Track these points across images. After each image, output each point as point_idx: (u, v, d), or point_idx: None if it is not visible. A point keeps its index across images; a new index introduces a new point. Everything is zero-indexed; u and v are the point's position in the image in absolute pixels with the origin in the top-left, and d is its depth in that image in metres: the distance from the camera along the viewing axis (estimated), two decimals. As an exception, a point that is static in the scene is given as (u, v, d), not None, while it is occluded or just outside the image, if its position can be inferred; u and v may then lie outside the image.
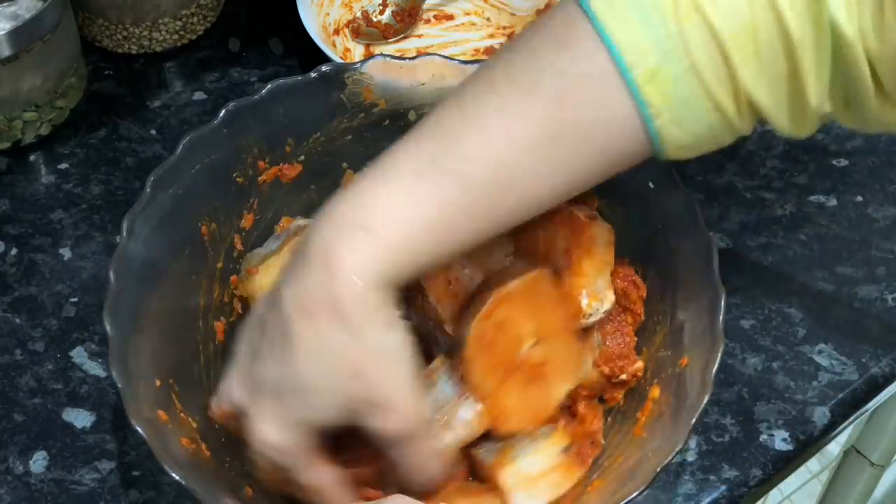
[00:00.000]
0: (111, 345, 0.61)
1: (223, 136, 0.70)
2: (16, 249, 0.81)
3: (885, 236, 0.83)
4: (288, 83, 0.72)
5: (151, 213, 0.66)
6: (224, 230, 0.71)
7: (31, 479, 0.70)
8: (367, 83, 0.73)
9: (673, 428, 0.62)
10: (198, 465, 0.62)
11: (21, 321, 0.78)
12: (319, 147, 0.74)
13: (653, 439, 0.63)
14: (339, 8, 0.96)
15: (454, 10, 0.99)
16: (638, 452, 0.64)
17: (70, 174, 0.86)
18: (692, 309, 0.66)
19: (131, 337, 0.62)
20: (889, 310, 0.79)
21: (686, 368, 0.65)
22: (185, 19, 0.93)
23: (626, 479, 0.62)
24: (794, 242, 0.83)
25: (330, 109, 0.73)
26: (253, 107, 0.71)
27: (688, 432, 0.60)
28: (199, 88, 0.92)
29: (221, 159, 0.70)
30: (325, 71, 0.73)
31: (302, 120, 0.73)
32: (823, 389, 0.75)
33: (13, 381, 0.75)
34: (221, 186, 0.71)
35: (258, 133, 0.71)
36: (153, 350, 0.64)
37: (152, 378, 0.63)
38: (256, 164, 0.72)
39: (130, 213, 0.65)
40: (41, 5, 0.81)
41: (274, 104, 0.71)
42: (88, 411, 0.73)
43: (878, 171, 0.87)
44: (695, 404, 0.61)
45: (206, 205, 0.70)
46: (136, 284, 0.64)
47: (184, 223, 0.68)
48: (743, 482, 0.71)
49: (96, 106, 0.91)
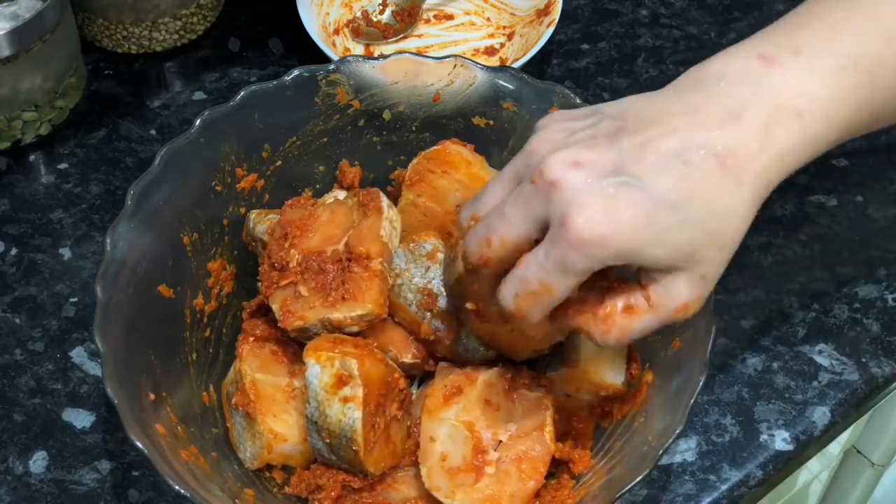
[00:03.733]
0: (104, 361, 0.61)
1: (200, 146, 0.70)
2: (16, 249, 0.81)
3: (885, 236, 0.83)
4: (262, 88, 0.72)
5: (134, 226, 0.66)
6: (206, 240, 0.71)
7: (31, 479, 0.70)
8: (340, 85, 0.74)
9: (672, 411, 0.62)
10: (199, 476, 0.62)
11: (21, 321, 0.78)
12: (296, 151, 0.75)
13: (652, 423, 0.64)
14: (339, 8, 0.96)
15: (454, 9, 0.99)
16: (637, 437, 0.64)
17: (70, 174, 0.86)
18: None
19: (123, 352, 0.63)
20: (889, 310, 0.79)
21: (679, 351, 0.65)
22: (185, 19, 0.93)
23: (628, 464, 0.62)
24: (794, 242, 0.83)
25: (305, 113, 0.74)
26: (228, 114, 0.71)
27: (686, 413, 0.60)
28: (199, 88, 0.92)
29: (200, 168, 0.71)
30: (298, 74, 0.73)
31: (277, 125, 0.73)
32: (823, 389, 0.75)
33: (13, 381, 0.75)
34: (201, 195, 0.71)
35: (235, 140, 0.72)
36: (145, 363, 0.65)
37: (146, 392, 0.63)
38: (235, 172, 0.72)
39: (113, 228, 0.65)
40: (41, 5, 0.81)
41: (249, 110, 0.72)
42: (88, 411, 0.74)
43: (878, 171, 0.87)
44: (692, 385, 0.61)
45: (188, 215, 0.70)
46: (124, 299, 0.64)
47: (167, 235, 0.69)
48: (743, 482, 0.71)
49: (96, 106, 0.91)
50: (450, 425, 0.66)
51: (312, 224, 0.70)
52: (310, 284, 0.68)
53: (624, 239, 0.53)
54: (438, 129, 0.76)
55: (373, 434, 0.64)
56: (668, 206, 0.54)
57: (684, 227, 0.54)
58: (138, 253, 0.66)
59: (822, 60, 0.57)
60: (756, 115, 0.55)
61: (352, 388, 0.63)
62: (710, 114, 0.55)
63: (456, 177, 0.72)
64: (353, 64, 0.74)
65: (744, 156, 0.55)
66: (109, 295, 0.63)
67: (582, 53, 0.95)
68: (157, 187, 0.68)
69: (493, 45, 0.96)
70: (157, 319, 0.67)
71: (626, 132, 0.55)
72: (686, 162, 0.54)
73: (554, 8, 0.91)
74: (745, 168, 0.55)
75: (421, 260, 0.69)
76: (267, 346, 0.71)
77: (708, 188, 0.54)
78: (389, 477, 0.67)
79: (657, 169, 0.54)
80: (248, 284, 0.74)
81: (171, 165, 0.69)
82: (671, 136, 0.54)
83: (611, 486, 0.61)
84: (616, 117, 0.57)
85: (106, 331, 0.62)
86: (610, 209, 0.53)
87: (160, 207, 0.68)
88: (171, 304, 0.69)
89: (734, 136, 0.55)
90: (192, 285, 0.70)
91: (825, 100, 0.57)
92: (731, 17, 0.98)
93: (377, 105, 0.75)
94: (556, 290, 0.55)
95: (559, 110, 0.61)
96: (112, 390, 0.60)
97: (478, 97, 0.75)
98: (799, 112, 0.56)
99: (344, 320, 0.67)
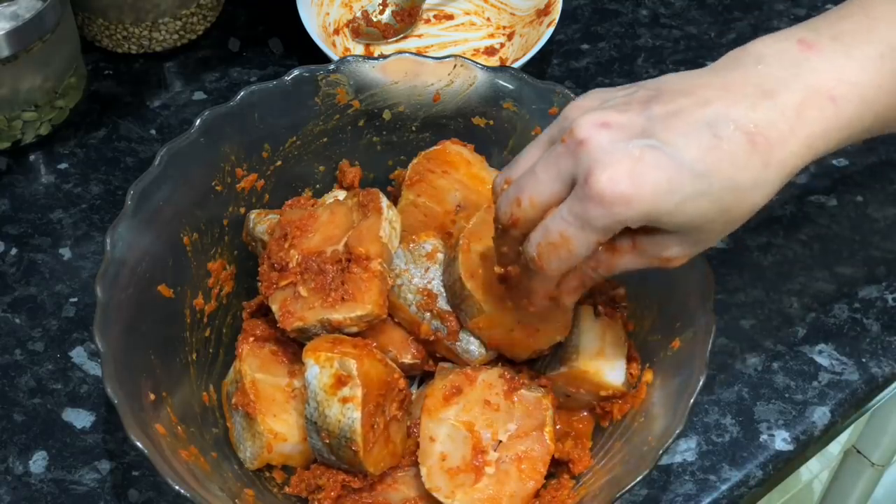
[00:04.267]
0: (104, 361, 0.61)
1: (200, 146, 0.70)
2: (16, 249, 0.81)
3: (885, 236, 0.83)
4: (262, 89, 0.72)
5: (134, 226, 0.66)
6: (206, 240, 0.71)
7: (31, 479, 0.70)
8: (340, 85, 0.74)
9: (672, 411, 0.62)
10: (199, 476, 0.62)
11: (21, 321, 0.78)
12: (296, 151, 0.75)
13: (652, 423, 0.64)
14: (339, 8, 0.96)
15: (454, 9, 0.99)
16: (637, 437, 0.64)
17: (70, 174, 0.86)
18: (681, 291, 0.66)
19: (123, 352, 0.63)
20: (889, 310, 0.79)
21: (679, 351, 0.65)
22: (185, 19, 0.93)
23: (628, 464, 0.62)
24: (794, 242, 0.82)
25: (305, 113, 0.74)
26: (229, 114, 0.71)
27: (686, 413, 0.60)
28: (199, 88, 0.92)
29: (200, 168, 0.71)
30: (298, 74, 0.73)
31: (277, 125, 0.73)
32: (823, 389, 0.75)
33: (13, 381, 0.75)
34: (201, 195, 0.71)
35: (235, 140, 0.72)
36: (145, 363, 0.65)
37: (146, 392, 0.63)
38: (235, 172, 0.72)
39: (113, 228, 0.65)
40: (41, 5, 0.81)
41: (249, 110, 0.72)
42: (88, 411, 0.74)
43: (878, 171, 0.87)
44: (692, 385, 0.61)
45: (188, 214, 0.70)
46: (124, 299, 0.64)
47: (167, 235, 0.69)
48: (743, 482, 0.71)
49: (96, 106, 0.91)
50: (449, 425, 0.66)
51: (312, 224, 0.70)
52: (309, 285, 0.68)
53: (645, 201, 0.54)
54: (438, 129, 0.76)
55: (372, 434, 0.64)
56: (693, 174, 0.54)
57: (703, 199, 0.54)
58: (138, 253, 0.66)
59: (861, 48, 0.57)
60: (791, 96, 0.56)
61: (351, 389, 0.63)
62: (745, 91, 0.56)
63: (456, 177, 0.72)
64: (353, 64, 0.74)
65: (774, 136, 0.55)
66: (109, 295, 0.63)
67: (582, 53, 0.95)
68: (158, 187, 0.68)
69: (493, 45, 0.96)
70: (157, 319, 0.67)
71: (660, 100, 0.56)
72: (716, 135, 0.54)
73: (554, 8, 0.91)
74: (774, 149, 0.55)
75: (421, 260, 0.69)
76: (267, 346, 0.71)
77: (734, 163, 0.54)
78: (389, 477, 0.67)
79: (686, 136, 0.54)
80: (248, 284, 0.74)
81: (172, 165, 0.69)
82: (704, 107, 0.55)
83: (611, 486, 0.61)
84: (652, 88, 0.57)
85: (106, 331, 0.62)
86: (634, 170, 0.54)
87: (160, 207, 0.68)
88: (171, 304, 0.69)
89: (767, 115, 0.55)
90: (192, 285, 0.70)
91: (863, 85, 0.57)
92: (731, 17, 0.98)
93: (377, 105, 0.75)
94: (574, 244, 0.56)
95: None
96: (112, 390, 0.60)
97: (478, 97, 0.75)
98: (833, 96, 0.56)
99: (343, 321, 0.67)
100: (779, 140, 0.55)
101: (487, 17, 0.98)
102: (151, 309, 0.67)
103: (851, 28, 0.58)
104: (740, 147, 0.54)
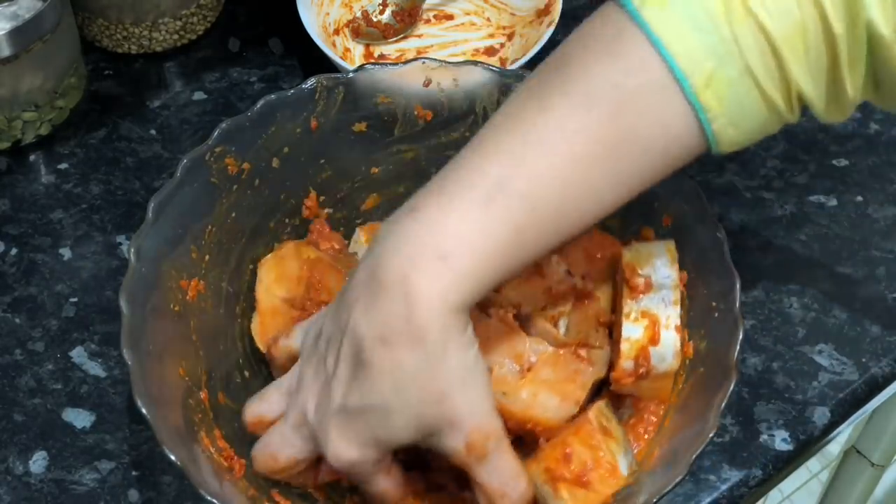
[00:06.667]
0: (133, 375, 0.60)
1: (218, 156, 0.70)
2: (16, 249, 0.82)
3: (885, 236, 0.83)
4: (279, 98, 0.71)
5: (155, 236, 0.66)
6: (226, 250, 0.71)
7: (31, 479, 0.70)
8: (357, 92, 0.73)
9: (703, 415, 0.62)
10: (233, 488, 0.61)
11: (21, 321, 0.78)
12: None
13: (682, 428, 0.64)
14: (339, 8, 0.96)
15: (454, 9, 0.99)
16: (667, 443, 0.64)
17: (70, 174, 0.86)
18: (705, 297, 0.67)
19: (150, 365, 0.62)
20: (889, 310, 0.79)
21: (706, 356, 0.65)
22: (185, 19, 0.93)
23: (663, 470, 0.62)
24: (794, 242, 0.83)
25: (321, 121, 0.73)
26: (246, 124, 0.71)
27: (718, 416, 0.60)
28: (199, 88, 0.92)
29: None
30: (315, 83, 0.72)
31: (293, 133, 0.73)
32: (823, 389, 0.75)
33: (13, 381, 0.75)
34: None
35: (252, 150, 0.71)
36: (171, 375, 0.64)
37: (175, 404, 0.63)
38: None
39: (136, 238, 0.65)
40: (41, 5, 0.81)
41: (266, 119, 0.71)
42: (88, 411, 0.74)
43: (878, 171, 0.87)
44: (721, 388, 0.62)
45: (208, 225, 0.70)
46: (149, 311, 0.64)
47: (186, 246, 0.68)
48: (743, 482, 0.71)
49: (96, 106, 0.91)
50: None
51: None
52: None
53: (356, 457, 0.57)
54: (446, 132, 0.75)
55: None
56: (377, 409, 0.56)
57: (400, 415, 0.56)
58: (159, 263, 0.66)
59: (462, 196, 0.55)
60: (393, 276, 0.54)
61: None
62: (357, 295, 0.56)
63: None
64: (371, 71, 0.73)
65: (398, 327, 0.54)
66: (133, 306, 0.63)
67: (582, 53, 0.95)
68: (178, 197, 0.67)
69: (493, 45, 0.96)
70: (181, 332, 0.66)
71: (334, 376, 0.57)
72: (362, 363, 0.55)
73: (554, 8, 0.91)
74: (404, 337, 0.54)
75: None
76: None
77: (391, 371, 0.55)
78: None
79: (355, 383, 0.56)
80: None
81: (191, 175, 0.68)
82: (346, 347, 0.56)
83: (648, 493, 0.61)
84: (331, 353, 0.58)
85: (133, 344, 0.61)
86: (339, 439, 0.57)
87: (180, 218, 0.68)
88: (194, 317, 0.68)
89: (382, 312, 0.55)
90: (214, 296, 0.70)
91: (467, 235, 0.54)
92: (731, 17, 0.98)
93: (393, 113, 0.74)
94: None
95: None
96: (143, 403, 0.59)
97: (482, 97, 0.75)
98: (442, 255, 0.54)
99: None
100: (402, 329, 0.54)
101: (487, 17, 0.98)
102: (174, 320, 0.66)
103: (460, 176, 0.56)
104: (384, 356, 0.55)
